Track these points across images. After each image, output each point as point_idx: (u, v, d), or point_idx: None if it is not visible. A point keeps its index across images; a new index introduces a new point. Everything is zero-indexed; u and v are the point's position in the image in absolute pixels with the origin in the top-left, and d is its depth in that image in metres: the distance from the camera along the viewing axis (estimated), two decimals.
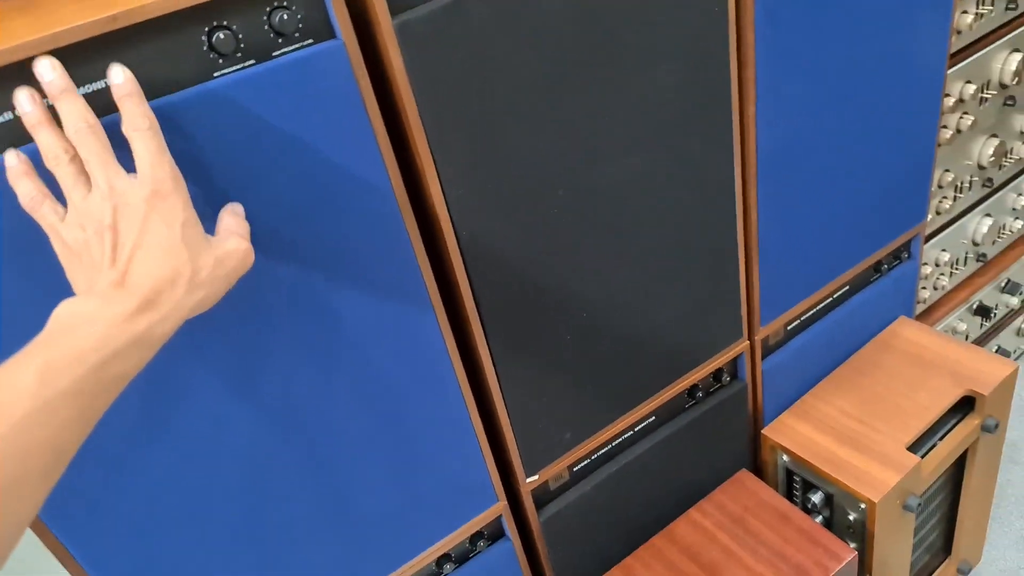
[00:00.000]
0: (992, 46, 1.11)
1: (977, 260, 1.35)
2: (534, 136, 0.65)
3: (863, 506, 0.91)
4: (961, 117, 1.12)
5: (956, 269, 1.31)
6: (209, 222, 0.51)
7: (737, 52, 0.75)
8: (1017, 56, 1.13)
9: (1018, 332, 1.54)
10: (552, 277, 0.72)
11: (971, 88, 1.09)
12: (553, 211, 0.69)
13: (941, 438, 1.00)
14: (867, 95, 0.89)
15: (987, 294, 1.38)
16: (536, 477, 0.81)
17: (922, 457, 0.96)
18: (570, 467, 0.84)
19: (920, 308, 1.28)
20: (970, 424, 1.01)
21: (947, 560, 1.17)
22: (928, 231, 1.21)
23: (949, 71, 1.05)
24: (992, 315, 1.41)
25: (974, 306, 1.37)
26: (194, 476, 0.61)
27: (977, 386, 1.00)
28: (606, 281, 0.76)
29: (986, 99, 1.15)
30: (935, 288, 1.29)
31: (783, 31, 0.77)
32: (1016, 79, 1.15)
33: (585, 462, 0.86)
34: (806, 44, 0.80)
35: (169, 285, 0.44)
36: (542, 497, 0.83)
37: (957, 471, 1.07)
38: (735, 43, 0.74)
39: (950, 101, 1.08)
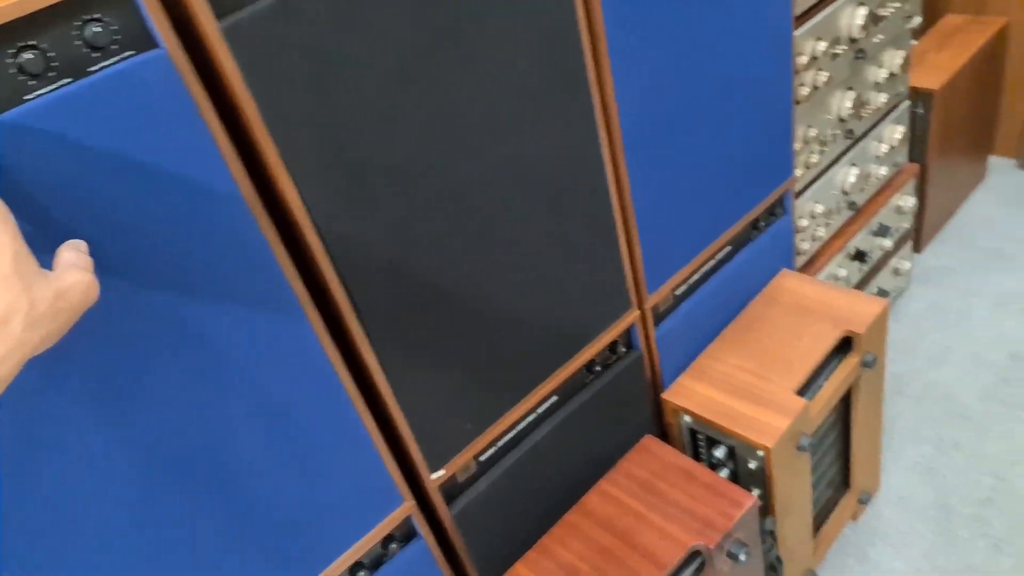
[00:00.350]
0: (838, 2, 1.16)
1: (849, 208, 1.43)
2: (390, 128, 0.64)
3: (760, 453, 0.95)
4: (816, 74, 1.17)
5: (830, 219, 1.38)
6: (45, 256, 0.48)
7: (588, 28, 0.76)
8: (863, 10, 1.19)
9: (895, 272, 1.64)
10: (431, 270, 0.71)
11: (822, 45, 1.15)
12: (422, 203, 0.68)
13: (826, 379, 1.06)
14: (720, 63, 0.92)
15: (861, 239, 1.46)
16: (442, 472, 0.80)
17: (810, 399, 1.02)
18: (476, 457, 0.85)
19: (802, 260, 1.34)
20: (851, 362, 1.07)
21: (848, 492, 1.24)
22: (800, 185, 1.27)
23: (799, 31, 1.10)
24: (868, 259, 1.50)
25: (851, 252, 1.45)
26: (81, 514, 0.58)
27: (853, 326, 1.07)
28: (488, 268, 0.76)
29: (838, 54, 1.21)
30: (813, 239, 1.35)
31: (630, 4, 0.78)
32: (864, 32, 1.21)
33: (491, 450, 0.86)
34: (654, 16, 0.82)
35: (3, 323, 0.41)
36: (452, 491, 0.83)
37: (845, 408, 1.14)
38: (584, 20, 0.75)
39: (804, 59, 1.13)
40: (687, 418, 1.03)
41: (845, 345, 1.09)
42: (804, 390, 1.03)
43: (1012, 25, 1.81)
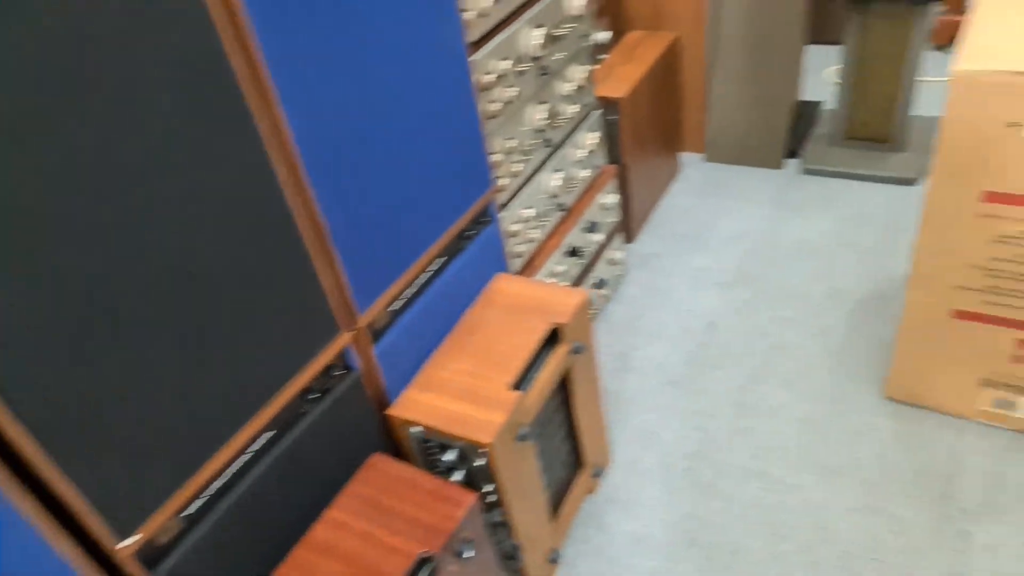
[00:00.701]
0: (516, 25, 1.26)
1: (559, 210, 1.56)
2: (12, 183, 0.57)
3: (482, 450, 1.00)
4: (505, 90, 1.26)
5: (543, 221, 1.50)
6: None
7: (243, 59, 0.75)
8: (539, 31, 1.31)
9: (610, 262, 1.82)
10: (94, 323, 0.65)
11: (506, 64, 1.24)
12: (66, 259, 0.62)
13: (540, 370, 1.14)
14: (399, 89, 0.96)
15: (575, 236, 1.61)
16: (136, 538, 0.74)
17: (526, 392, 1.09)
18: (179, 513, 0.79)
19: (521, 262, 1.44)
20: (561, 351, 1.17)
21: (582, 470, 1.36)
22: (508, 193, 1.36)
23: (480, 53, 1.17)
24: (583, 254, 1.65)
25: (567, 250, 1.58)
26: None
27: (559, 318, 1.16)
28: (166, 310, 0.72)
29: (524, 71, 1.31)
30: (529, 241, 1.46)
31: (290, 37, 0.78)
32: (543, 51, 1.33)
33: (200, 501, 0.81)
34: (316, 45, 0.82)
35: None
36: (152, 555, 0.77)
37: (564, 393, 1.24)
38: (237, 51, 0.73)
39: (491, 78, 1.21)
40: (415, 429, 1.06)
41: (556, 336, 1.19)
42: (520, 384, 1.10)
43: (682, 38, 2.10)
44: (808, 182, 2.14)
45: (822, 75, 2.55)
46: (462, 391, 1.07)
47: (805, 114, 2.34)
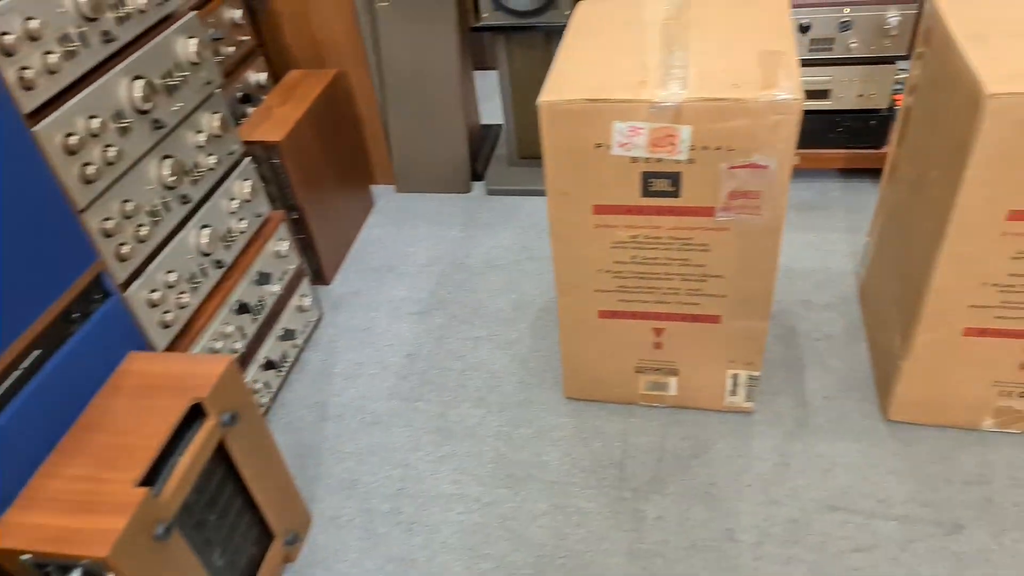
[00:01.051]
0: (106, 77, 1.14)
1: (217, 268, 1.45)
2: None
3: (104, 565, 0.88)
4: (105, 151, 1.14)
5: (196, 283, 1.38)
6: None
7: None
8: (140, 83, 1.20)
9: (299, 309, 1.75)
10: None
11: (97, 122, 1.11)
12: None
13: (182, 454, 1.04)
14: None
15: (244, 292, 1.51)
16: None
17: (164, 483, 0.98)
18: None
19: (172, 331, 1.31)
20: (208, 427, 1.08)
21: (273, 541, 1.27)
22: (140, 260, 1.23)
23: (57, 113, 1.04)
24: (260, 308, 1.56)
25: (234, 308, 1.48)
26: None
27: (197, 392, 1.07)
28: None
29: (127, 127, 1.19)
30: (180, 307, 1.33)
31: None
32: (150, 103, 1.22)
33: None
34: None
35: None
36: None
37: (226, 468, 1.14)
38: None
39: (76, 140, 1.07)
40: (25, 557, 0.90)
41: (199, 411, 1.09)
42: (154, 476, 0.99)
43: (348, 73, 2.09)
44: (493, 202, 2.25)
45: (498, 100, 2.72)
46: (78, 500, 0.93)
47: (488, 137, 2.47)
